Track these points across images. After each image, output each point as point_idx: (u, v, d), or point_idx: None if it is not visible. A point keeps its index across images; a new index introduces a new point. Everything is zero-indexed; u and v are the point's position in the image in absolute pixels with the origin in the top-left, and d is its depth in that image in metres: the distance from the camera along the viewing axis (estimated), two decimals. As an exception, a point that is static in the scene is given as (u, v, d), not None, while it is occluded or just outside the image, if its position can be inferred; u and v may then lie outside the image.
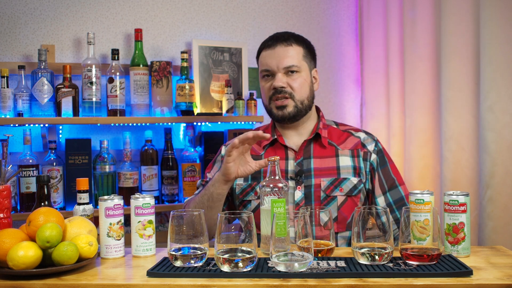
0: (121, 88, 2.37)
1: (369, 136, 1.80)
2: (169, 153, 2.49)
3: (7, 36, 2.40)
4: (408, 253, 1.28)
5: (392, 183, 1.75)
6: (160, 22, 2.62)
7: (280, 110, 1.73)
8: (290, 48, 1.73)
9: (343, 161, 1.73)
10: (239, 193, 1.76)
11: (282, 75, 1.72)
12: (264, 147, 1.78)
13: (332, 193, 1.69)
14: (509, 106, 1.92)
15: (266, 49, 1.76)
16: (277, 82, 1.71)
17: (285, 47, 1.73)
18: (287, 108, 1.72)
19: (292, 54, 1.72)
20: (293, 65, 1.71)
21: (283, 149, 1.77)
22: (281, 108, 1.72)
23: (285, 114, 1.72)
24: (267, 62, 1.74)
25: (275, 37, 1.77)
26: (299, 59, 1.73)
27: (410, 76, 2.42)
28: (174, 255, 1.28)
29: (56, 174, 2.30)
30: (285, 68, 1.71)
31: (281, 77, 1.71)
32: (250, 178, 1.75)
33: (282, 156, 1.75)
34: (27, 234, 1.30)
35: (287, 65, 1.71)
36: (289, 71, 1.72)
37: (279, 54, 1.72)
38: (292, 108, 1.72)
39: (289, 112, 1.72)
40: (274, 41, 1.75)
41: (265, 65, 1.75)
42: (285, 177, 1.71)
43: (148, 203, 1.43)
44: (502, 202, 1.92)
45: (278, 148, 1.77)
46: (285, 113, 1.72)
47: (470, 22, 2.07)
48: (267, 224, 1.39)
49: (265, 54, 1.76)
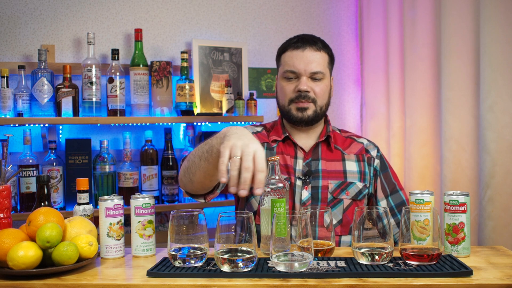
0: (121, 88, 2.37)
1: (371, 143, 1.84)
2: (169, 153, 2.49)
3: (7, 36, 2.40)
4: (408, 253, 1.28)
5: (393, 187, 1.77)
6: (160, 22, 2.62)
7: (300, 112, 1.71)
8: (319, 54, 1.71)
9: (349, 165, 1.75)
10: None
11: (307, 79, 1.70)
12: (276, 142, 1.77)
13: (339, 196, 1.70)
14: (509, 106, 1.92)
15: (294, 50, 1.72)
16: (302, 85, 1.69)
17: (315, 51, 1.71)
18: (308, 111, 1.71)
19: (320, 60, 1.71)
20: (319, 71, 1.70)
21: (293, 147, 1.77)
22: (302, 110, 1.71)
23: (305, 117, 1.72)
24: (294, 63, 1.71)
25: (304, 39, 1.73)
26: (325, 66, 1.73)
27: (410, 76, 2.42)
28: (174, 255, 1.28)
29: (56, 174, 2.30)
30: (312, 73, 1.70)
31: (306, 81, 1.70)
32: None
33: (291, 154, 1.75)
34: (27, 234, 1.30)
35: (315, 71, 1.70)
36: (314, 77, 1.71)
37: (308, 57, 1.70)
38: (312, 112, 1.72)
39: (309, 115, 1.72)
40: (303, 43, 1.72)
41: (292, 66, 1.71)
42: (294, 174, 1.72)
43: (148, 203, 1.43)
44: (502, 202, 1.92)
45: (288, 145, 1.77)
46: (305, 116, 1.72)
47: (470, 22, 2.07)
48: (267, 224, 1.39)
49: (292, 55, 1.72)
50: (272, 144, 1.77)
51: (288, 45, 1.75)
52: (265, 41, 2.80)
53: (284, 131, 1.78)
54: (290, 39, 1.77)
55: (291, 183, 1.71)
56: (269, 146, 1.75)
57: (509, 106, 1.92)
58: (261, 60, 2.79)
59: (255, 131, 1.83)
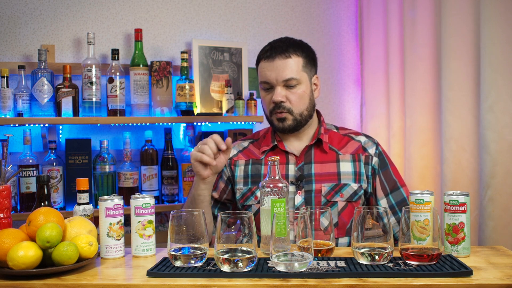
0: (121, 88, 2.37)
1: (369, 139, 1.81)
2: (169, 153, 2.49)
3: (7, 36, 2.40)
4: (408, 253, 1.28)
5: (393, 185, 1.75)
6: (160, 22, 2.62)
7: (281, 122, 1.72)
8: (289, 60, 1.69)
9: (343, 166, 1.73)
10: (239, 198, 1.76)
11: (281, 88, 1.69)
12: (264, 152, 1.78)
13: (332, 199, 1.69)
14: (509, 106, 1.92)
15: (265, 60, 1.72)
16: (276, 96, 1.69)
17: (284, 59, 1.69)
18: (286, 121, 1.71)
19: (291, 66, 1.69)
20: (292, 77, 1.69)
21: (284, 154, 1.76)
22: (281, 121, 1.72)
23: (285, 127, 1.72)
24: (265, 75, 1.71)
25: (273, 47, 1.73)
26: (298, 71, 1.70)
27: (410, 76, 2.42)
28: (174, 255, 1.28)
29: (56, 174, 2.30)
30: (285, 80, 1.69)
31: (280, 91, 1.69)
32: (250, 182, 1.75)
33: (283, 161, 1.75)
34: (27, 234, 1.30)
35: (286, 78, 1.68)
36: (288, 84, 1.69)
37: (277, 67, 1.69)
38: (291, 121, 1.72)
39: (289, 125, 1.72)
40: (272, 52, 1.71)
41: (264, 77, 1.72)
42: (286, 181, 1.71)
43: (148, 203, 1.43)
44: (503, 202, 1.92)
45: (278, 153, 1.77)
46: (285, 125, 1.72)
47: (470, 22, 2.07)
48: (267, 224, 1.39)
49: (264, 66, 1.73)
50: (260, 155, 1.78)
51: (261, 55, 1.76)
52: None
53: (273, 140, 1.78)
54: (263, 48, 1.77)
55: None
56: (254, 161, 1.78)
57: (509, 106, 1.92)
58: (261, 60, 2.79)
59: (242, 148, 1.84)
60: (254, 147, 1.82)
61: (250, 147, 1.83)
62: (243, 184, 1.76)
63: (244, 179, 1.76)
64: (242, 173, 1.77)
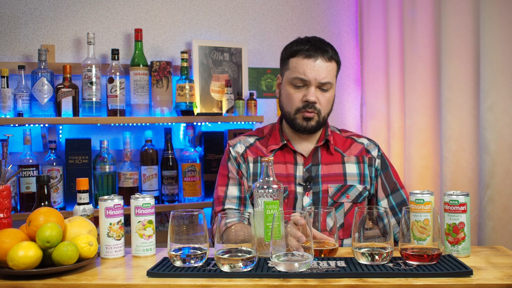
0: (121, 88, 2.37)
1: (371, 142, 1.83)
2: (169, 153, 2.49)
3: (7, 36, 2.40)
4: (408, 253, 1.28)
5: (394, 186, 1.77)
6: (160, 22, 2.62)
7: (306, 121, 1.71)
8: (330, 64, 1.69)
9: (349, 168, 1.75)
10: (249, 196, 1.76)
11: (315, 89, 1.69)
12: (273, 151, 1.77)
13: (339, 200, 1.70)
14: (509, 106, 1.92)
15: (304, 57, 1.68)
16: (311, 96, 1.68)
17: (326, 62, 1.68)
18: (312, 121, 1.71)
19: (330, 70, 1.70)
20: (328, 82, 1.69)
21: (292, 153, 1.76)
22: (307, 120, 1.71)
23: (309, 127, 1.72)
24: (305, 72, 1.67)
25: (316, 47, 1.69)
26: (333, 76, 1.72)
27: (410, 76, 2.42)
28: (174, 255, 1.28)
29: (56, 174, 2.30)
30: (321, 83, 1.68)
31: (314, 91, 1.68)
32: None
33: (291, 160, 1.75)
34: (27, 234, 1.30)
35: (324, 81, 1.68)
36: (323, 88, 1.69)
37: (319, 68, 1.67)
38: (315, 122, 1.72)
39: (312, 125, 1.72)
40: (315, 52, 1.68)
41: (302, 74, 1.68)
42: (294, 182, 1.71)
43: (148, 203, 1.43)
44: (502, 202, 1.92)
45: (287, 152, 1.76)
46: (309, 125, 1.71)
47: (470, 22, 2.07)
48: (260, 227, 1.36)
49: (303, 62, 1.68)
50: (269, 154, 1.76)
51: (299, 50, 1.70)
52: (265, 41, 2.80)
53: (282, 138, 1.77)
54: (300, 43, 1.72)
55: (292, 190, 1.70)
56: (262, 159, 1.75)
57: (509, 106, 1.92)
58: (261, 60, 2.79)
59: (248, 144, 1.81)
60: (261, 144, 1.81)
61: (257, 144, 1.82)
62: (252, 182, 1.76)
63: (253, 177, 1.76)
64: (251, 170, 1.76)
